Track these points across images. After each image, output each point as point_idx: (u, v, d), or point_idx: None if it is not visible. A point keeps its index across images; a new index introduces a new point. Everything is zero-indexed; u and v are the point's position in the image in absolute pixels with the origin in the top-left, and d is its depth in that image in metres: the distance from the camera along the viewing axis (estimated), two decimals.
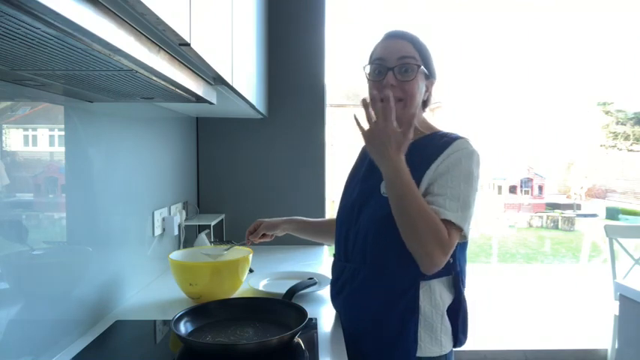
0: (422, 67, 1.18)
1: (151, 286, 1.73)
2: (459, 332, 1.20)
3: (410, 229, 1.07)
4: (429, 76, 1.23)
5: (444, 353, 1.17)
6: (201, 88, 1.12)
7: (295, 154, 2.49)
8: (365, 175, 1.28)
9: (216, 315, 1.30)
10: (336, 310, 1.34)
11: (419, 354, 1.15)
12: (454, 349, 1.22)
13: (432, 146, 1.17)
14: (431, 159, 1.14)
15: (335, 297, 1.32)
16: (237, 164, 2.49)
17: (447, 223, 1.08)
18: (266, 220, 1.59)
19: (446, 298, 1.18)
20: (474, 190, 1.12)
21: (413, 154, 1.13)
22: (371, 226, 1.20)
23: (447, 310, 1.19)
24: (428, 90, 1.24)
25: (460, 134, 1.20)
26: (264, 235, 1.59)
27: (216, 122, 2.45)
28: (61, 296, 1.20)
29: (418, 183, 1.12)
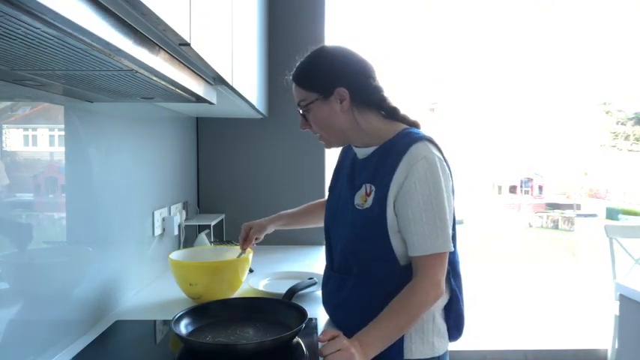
0: (311, 103, 1.16)
1: (151, 286, 1.73)
2: (452, 329, 1.19)
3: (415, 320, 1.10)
4: (326, 92, 1.15)
5: (436, 355, 1.16)
6: (201, 88, 1.12)
7: (295, 154, 2.48)
8: (347, 180, 1.25)
9: (216, 315, 1.30)
10: (327, 313, 1.33)
11: (408, 356, 1.13)
12: (450, 344, 1.21)
13: (396, 149, 1.13)
14: (394, 164, 1.11)
15: (324, 302, 1.31)
16: (237, 164, 2.49)
17: (432, 255, 1.08)
18: (253, 223, 1.56)
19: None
20: (445, 204, 1.09)
21: (382, 156, 1.15)
22: (348, 240, 1.19)
23: (441, 310, 1.17)
24: (343, 98, 1.15)
25: (425, 134, 1.15)
26: (256, 239, 1.57)
27: (216, 122, 2.45)
28: (61, 296, 1.20)
29: (387, 189, 1.10)
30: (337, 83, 1.14)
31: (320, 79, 1.17)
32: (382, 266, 1.14)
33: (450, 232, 1.10)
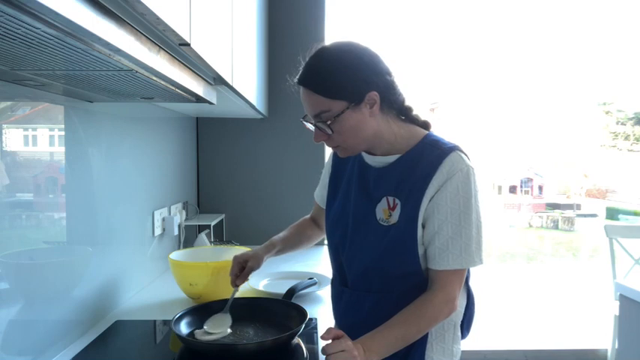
0: (342, 113, 1.01)
1: (151, 286, 1.73)
2: (464, 330, 1.18)
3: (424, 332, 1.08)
4: (357, 99, 1.02)
5: None
6: (201, 88, 1.12)
7: (295, 154, 2.49)
8: (357, 189, 1.16)
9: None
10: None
11: None
12: None
13: (425, 160, 1.06)
14: (426, 177, 1.05)
15: (338, 320, 1.25)
16: (237, 164, 2.49)
17: (452, 270, 1.05)
18: (246, 255, 1.33)
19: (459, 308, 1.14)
20: (473, 219, 1.05)
21: (407, 168, 1.08)
22: (371, 257, 1.12)
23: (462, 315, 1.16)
24: (374, 103, 1.03)
25: (452, 142, 1.09)
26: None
27: (216, 122, 2.45)
28: (61, 296, 1.20)
29: (417, 204, 1.05)
30: (368, 87, 1.02)
31: (348, 84, 1.02)
32: (407, 281, 1.10)
33: (474, 247, 1.05)
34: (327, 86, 1.02)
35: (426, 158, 1.06)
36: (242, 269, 1.31)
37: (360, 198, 1.15)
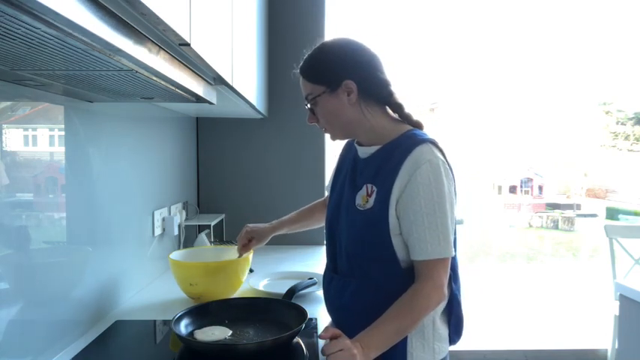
0: (319, 96, 1.14)
1: (151, 286, 1.73)
2: (451, 334, 1.19)
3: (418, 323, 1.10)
4: (333, 85, 1.13)
5: (438, 359, 1.16)
6: (201, 88, 1.12)
7: (295, 154, 2.49)
8: (348, 180, 1.22)
9: (216, 315, 1.30)
10: (330, 316, 1.30)
11: None
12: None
13: (400, 150, 1.11)
14: (397, 164, 1.09)
15: (327, 305, 1.28)
16: (237, 164, 2.49)
17: (434, 260, 1.07)
18: (256, 229, 1.51)
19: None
20: (448, 209, 1.07)
21: (385, 157, 1.13)
22: (350, 242, 1.17)
23: (441, 314, 1.17)
24: (351, 91, 1.13)
25: (429, 137, 1.14)
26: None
27: (216, 122, 2.45)
28: (61, 296, 1.20)
29: (389, 190, 1.09)
30: (344, 76, 1.13)
31: (327, 71, 1.15)
32: (384, 268, 1.13)
33: (452, 237, 1.09)
34: (310, 72, 1.17)
35: (400, 148, 1.12)
36: (249, 241, 1.50)
37: (349, 188, 1.21)
